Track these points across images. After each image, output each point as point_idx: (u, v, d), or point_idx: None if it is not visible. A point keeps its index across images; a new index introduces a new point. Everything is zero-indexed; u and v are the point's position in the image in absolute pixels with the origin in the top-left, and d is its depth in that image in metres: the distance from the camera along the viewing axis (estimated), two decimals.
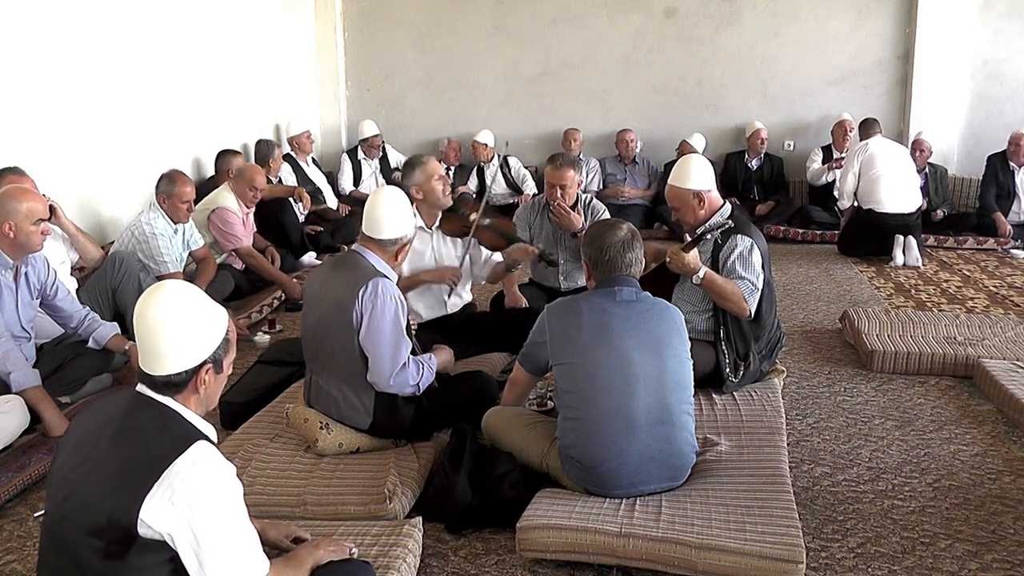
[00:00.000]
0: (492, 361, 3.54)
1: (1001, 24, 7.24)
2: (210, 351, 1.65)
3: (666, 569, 2.18)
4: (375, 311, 2.64)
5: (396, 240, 2.81)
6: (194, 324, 1.63)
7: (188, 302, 1.64)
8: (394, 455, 2.72)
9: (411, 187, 3.56)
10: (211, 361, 1.65)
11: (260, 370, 3.60)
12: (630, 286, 2.55)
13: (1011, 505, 2.63)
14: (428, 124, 8.11)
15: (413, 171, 3.59)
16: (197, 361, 1.63)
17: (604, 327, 2.46)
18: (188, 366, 1.62)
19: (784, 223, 7.06)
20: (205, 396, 1.68)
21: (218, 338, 1.67)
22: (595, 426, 2.40)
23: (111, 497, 1.51)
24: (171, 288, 1.65)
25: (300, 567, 1.83)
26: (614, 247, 2.55)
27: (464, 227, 3.67)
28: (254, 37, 6.77)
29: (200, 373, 1.64)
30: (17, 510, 2.68)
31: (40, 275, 3.27)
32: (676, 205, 3.32)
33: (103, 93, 4.86)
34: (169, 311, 1.60)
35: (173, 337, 1.60)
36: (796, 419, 3.29)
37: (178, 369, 1.61)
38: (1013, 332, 4.14)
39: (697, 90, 7.80)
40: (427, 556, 2.33)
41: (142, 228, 4.30)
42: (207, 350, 1.65)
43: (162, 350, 1.60)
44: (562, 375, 2.53)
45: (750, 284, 3.12)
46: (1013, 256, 6.33)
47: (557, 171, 3.99)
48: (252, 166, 5.19)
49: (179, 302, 1.62)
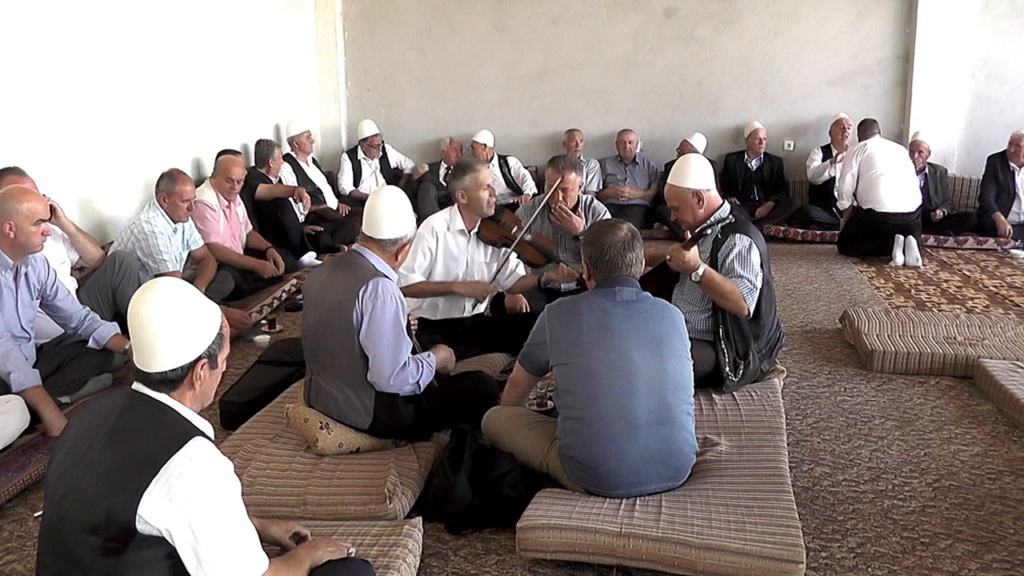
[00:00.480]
0: (492, 361, 3.55)
1: (1001, 24, 7.24)
2: (204, 346, 1.66)
3: (666, 569, 2.18)
4: (375, 311, 2.64)
5: (396, 240, 2.82)
6: (188, 320, 1.63)
7: (181, 298, 1.64)
8: (394, 455, 2.72)
9: (458, 190, 3.65)
10: (206, 356, 1.66)
11: (260, 370, 3.60)
12: (630, 286, 2.55)
13: (1011, 505, 2.63)
14: (428, 124, 8.11)
15: (464, 176, 3.64)
16: (192, 357, 1.64)
17: (604, 327, 2.46)
18: (183, 362, 1.63)
19: (784, 223, 7.06)
20: (201, 392, 1.69)
21: (212, 333, 1.68)
22: (595, 426, 2.39)
23: (109, 494, 1.51)
24: (164, 285, 1.66)
25: (299, 566, 1.83)
26: (615, 247, 2.55)
27: (504, 238, 3.74)
28: (254, 37, 6.77)
29: (195, 369, 1.64)
30: (17, 510, 2.68)
31: (40, 275, 3.27)
32: (675, 204, 3.32)
33: (103, 93, 4.86)
34: (163, 308, 1.61)
35: (167, 334, 1.61)
36: (796, 419, 3.29)
37: (173, 365, 1.62)
38: (1013, 332, 4.14)
39: (697, 90, 7.80)
40: (427, 556, 2.33)
41: (141, 226, 4.30)
42: (201, 346, 1.65)
43: (157, 347, 1.61)
44: (562, 375, 2.53)
45: (748, 283, 3.13)
46: (1013, 256, 6.33)
47: (559, 174, 4.00)
48: (228, 157, 5.17)
49: (172, 299, 1.63)
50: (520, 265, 3.94)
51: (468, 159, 3.83)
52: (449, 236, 3.71)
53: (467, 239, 3.74)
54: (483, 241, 3.78)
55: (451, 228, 3.71)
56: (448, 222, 3.72)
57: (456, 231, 3.71)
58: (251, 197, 5.82)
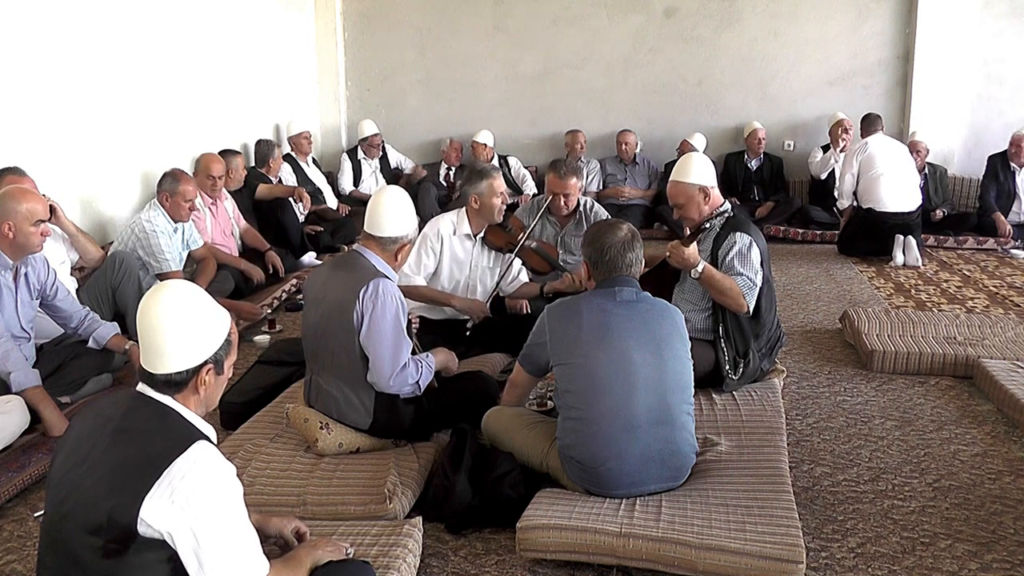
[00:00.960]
0: (492, 361, 3.55)
1: (1001, 24, 7.24)
2: (212, 351, 1.66)
3: (666, 569, 2.18)
4: (376, 311, 2.64)
5: (396, 239, 2.81)
6: (197, 324, 1.63)
7: (192, 302, 1.65)
8: (394, 455, 2.72)
9: (472, 195, 3.63)
10: (212, 361, 1.66)
11: (260, 370, 3.60)
12: (630, 286, 2.54)
13: (1011, 505, 2.63)
14: (428, 124, 8.11)
15: (480, 181, 3.63)
16: (198, 361, 1.64)
17: (604, 327, 2.46)
18: (189, 365, 1.63)
19: (784, 223, 7.06)
20: (205, 397, 1.68)
21: (220, 339, 1.68)
22: (595, 426, 2.39)
23: (111, 496, 1.51)
24: (175, 287, 1.66)
25: (299, 567, 1.83)
26: (615, 247, 2.54)
27: (509, 244, 3.73)
28: (254, 37, 6.76)
29: (201, 373, 1.64)
30: (17, 510, 2.68)
31: (40, 275, 3.26)
32: (680, 201, 3.29)
33: (103, 93, 4.86)
34: (173, 310, 1.61)
35: (176, 336, 1.61)
36: (796, 419, 3.29)
37: (179, 368, 1.62)
38: (1013, 332, 4.14)
39: (697, 90, 7.79)
40: (427, 556, 2.33)
41: (142, 225, 4.30)
42: (209, 350, 1.65)
43: (164, 348, 1.61)
44: (562, 375, 2.53)
45: (748, 280, 3.13)
46: (1013, 256, 6.33)
47: (561, 180, 3.99)
48: (207, 155, 5.15)
49: (183, 301, 1.63)
50: (523, 271, 3.93)
51: (484, 165, 3.80)
52: (455, 239, 3.70)
53: (473, 243, 3.73)
54: (488, 246, 3.77)
55: (457, 232, 3.70)
56: (455, 225, 3.71)
57: (462, 235, 3.70)
58: (251, 197, 5.82)
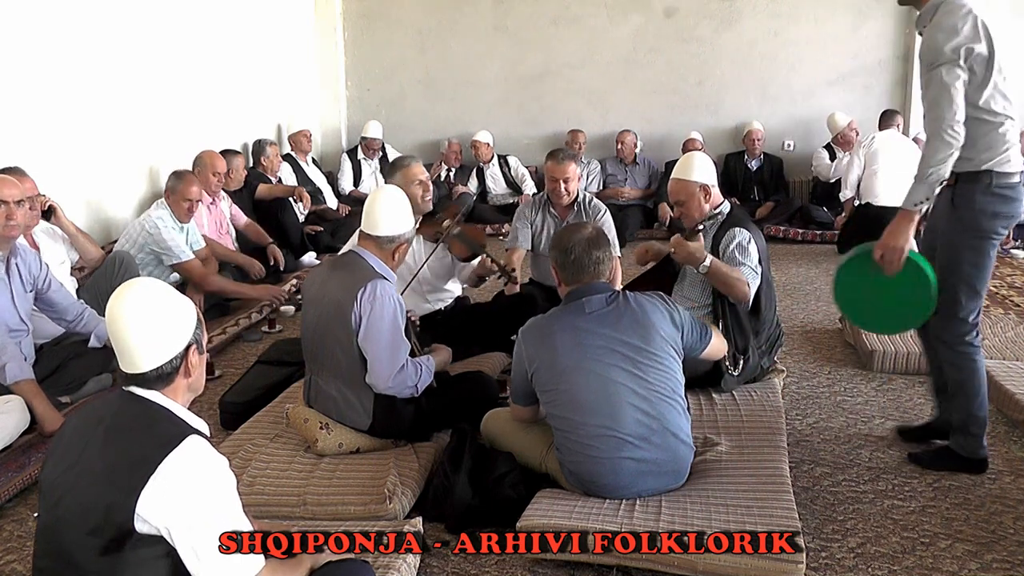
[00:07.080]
0: (492, 361, 3.55)
1: (1001, 24, 7.20)
2: (190, 333, 1.67)
3: (666, 569, 2.17)
4: (373, 313, 2.64)
5: (394, 238, 2.81)
6: (168, 313, 1.64)
7: (156, 294, 1.65)
8: (394, 455, 2.72)
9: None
10: (194, 342, 1.68)
11: (260, 370, 3.61)
12: (598, 292, 2.47)
13: (1011, 505, 2.62)
14: (428, 124, 8.11)
15: (395, 173, 3.59)
16: (182, 346, 1.65)
17: (579, 349, 2.39)
18: (174, 353, 1.63)
19: (784, 223, 7.06)
20: (194, 379, 1.70)
21: (192, 320, 1.69)
22: (586, 446, 2.37)
23: (106, 495, 1.52)
24: (134, 288, 1.65)
25: (298, 566, 1.82)
26: (579, 246, 2.47)
27: (437, 233, 3.64)
28: (254, 37, 6.77)
29: (188, 357, 1.66)
30: (17, 510, 2.68)
31: (32, 268, 3.26)
32: (682, 199, 3.27)
33: (104, 93, 4.86)
34: (142, 306, 1.61)
35: (152, 331, 1.61)
36: (796, 419, 3.29)
37: (166, 359, 1.62)
38: (1013, 332, 4.14)
39: (697, 90, 7.80)
40: (427, 556, 2.33)
41: (152, 222, 4.36)
42: (187, 333, 1.66)
43: (145, 346, 1.61)
44: (546, 400, 2.50)
45: (750, 270, 3.12)
46: (1013, 256, 6.32)
47: (559, 165, 3.93)
48: (209, 152, 5.16)
49: (148, 296, 1.63)
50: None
51: (401, 157, 3.75)
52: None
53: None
54: (424, 237, 3.68)
55: None
56: None
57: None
58: (251, 197, 5.83)
